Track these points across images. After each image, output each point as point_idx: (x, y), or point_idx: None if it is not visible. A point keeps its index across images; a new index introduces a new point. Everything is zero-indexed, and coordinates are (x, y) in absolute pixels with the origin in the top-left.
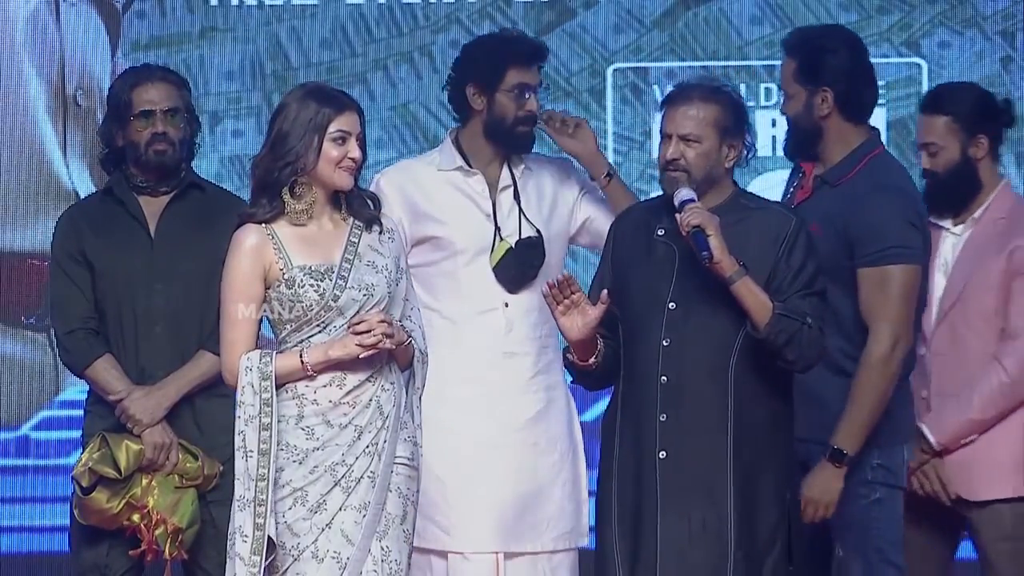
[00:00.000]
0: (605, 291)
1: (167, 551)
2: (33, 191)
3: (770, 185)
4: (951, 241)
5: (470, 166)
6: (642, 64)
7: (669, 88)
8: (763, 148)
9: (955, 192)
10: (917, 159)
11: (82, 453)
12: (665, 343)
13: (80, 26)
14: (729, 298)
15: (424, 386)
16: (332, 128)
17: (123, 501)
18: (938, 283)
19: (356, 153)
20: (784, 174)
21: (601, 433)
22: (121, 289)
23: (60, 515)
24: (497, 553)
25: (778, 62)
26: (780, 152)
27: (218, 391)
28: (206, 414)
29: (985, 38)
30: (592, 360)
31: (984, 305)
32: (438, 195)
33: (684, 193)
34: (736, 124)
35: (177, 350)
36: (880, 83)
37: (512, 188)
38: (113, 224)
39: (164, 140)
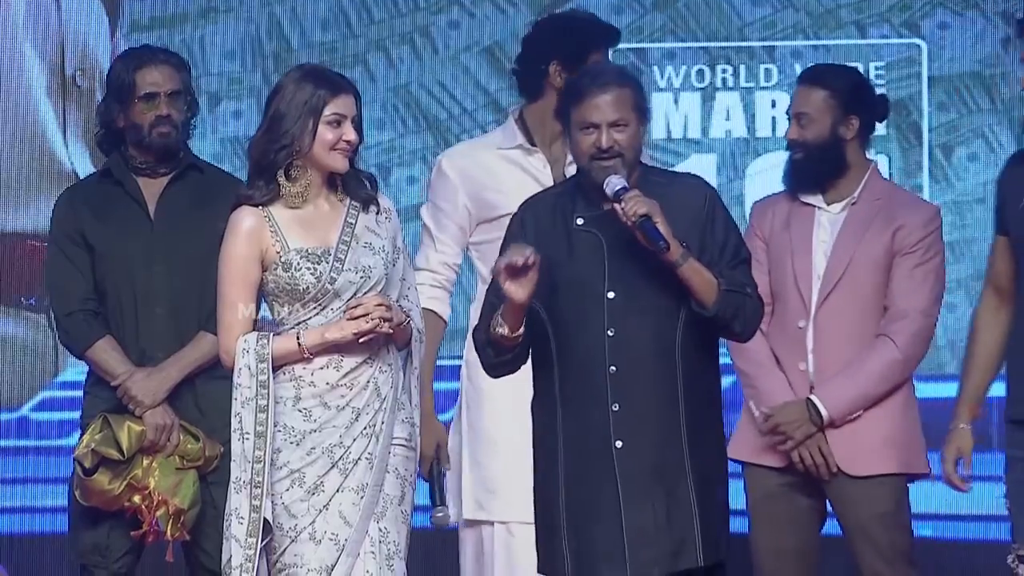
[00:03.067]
0: (532, 251)
1: (169, 532)
2: (33, 172)
3: (769, 165)
4: (827, 219)
5: (532, 144)
6: (642, 45)
7: (576, 79)
8: (763, 128)
9: (820, 167)
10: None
11: (83, 434)
12: (610, 333)
13: (80, 6)
14: (666, 279)
15: (420, 366)
16: (327, 111)
17: (124, 482)
18: (818, 261)
19: (351, 136)
20: (782, 155)
21: (534, 430)
22: (121, 271)
23: (60, 496)
24: None
25: (779, 43)
26: (780, 133)
27: (218, 373)
28: (207, 396)
29: (985, 19)
30: (520, 331)
31: (868, 283)
32: (500, 173)
33: (615, 181)
34: (645, 102)
35: (177, 332)
36: (879, 63)
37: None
38: (112, 206)
39: (168, 123)
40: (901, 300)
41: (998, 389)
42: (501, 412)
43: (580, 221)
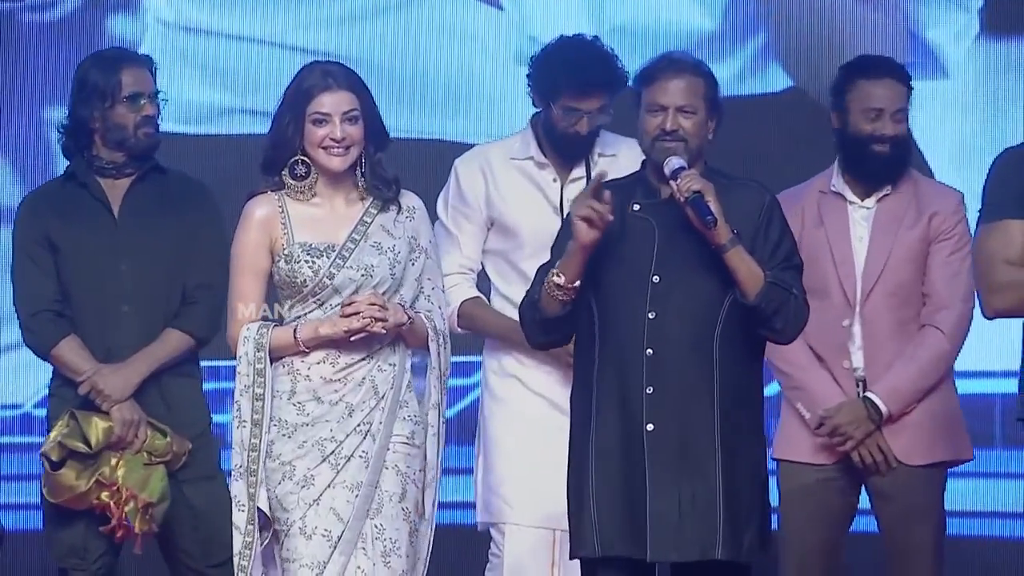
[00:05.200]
0: (608, 192)
1: (137, 526)
2: None
3: None
4: (860, 215)
5: (545, 156)
6: None
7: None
8: None
9: (903, 160)
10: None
11: (50, 431)
12: (651, 316)
13: None
14: (712, 269)
15: (448, 369)
16: (309, 109)
17: (92, 479)
18: (858, 256)
19: (337, 133)
20: None
21: (572, 411)
22: (87, 270)
23: None
24: (555, 530)
25: None
26: None
27: (183, 370)
28: (173, 392)
29: None
30: (576, 284)
31: (908, 273)
32: (508, 184)
33: (675, 161)
34: (717, 97)
35: (144, 330)
36: None
37: (584, 180)
38: (76, 207)
39: (151, 123)
40: (942, 288)
41: (1001, 386)
42: (510, 418)
43: (636, 207)
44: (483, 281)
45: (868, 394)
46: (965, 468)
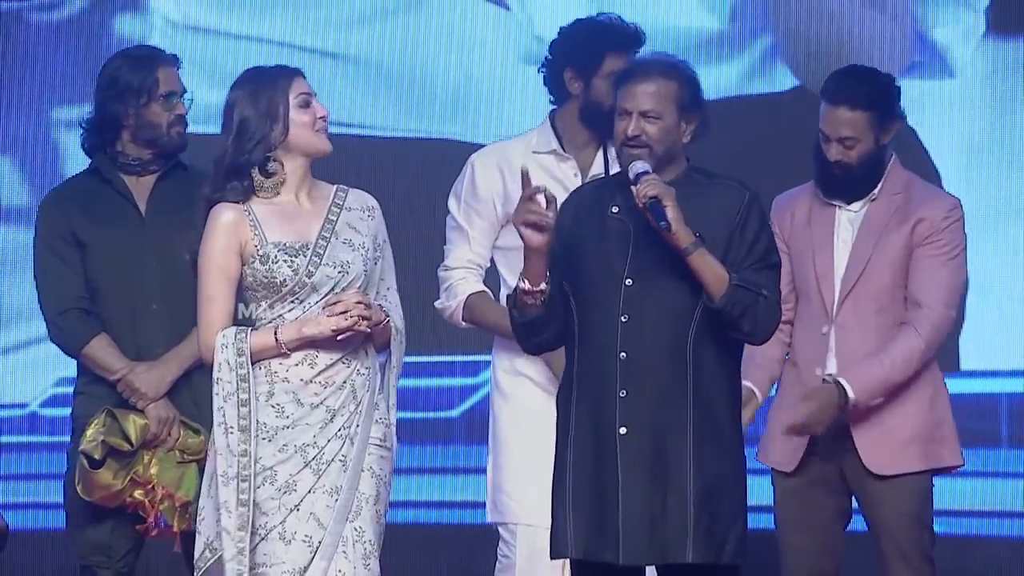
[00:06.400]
0: (545, 187)
1: (176, 524)
2: None
3: None
4: (847, 217)
5: (564, 150)
6: None
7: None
8: None
9: (864, 180)
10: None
11: (86, 430)
12: (624, 319)
13: None
14: (685, 272)
15: (400, 366)
16: (292, 92)
17: (128, 477)
18: (839, 261)
19: (324, 111)
20: None
21: (557, 413)
22: (114, 267)
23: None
24: None
25: None
26: None
27: None
28: (203, 390)
29: None
30: (543, 285)
31: (887, 280)
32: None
33: (639, 166)
34: (693, 99)
35: (173, 327)
36: None
37: (602, 175)
38: (102, 203)
39: (183, 122)
40: (921, 292)
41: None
42: (520, 417)
43: (615, 209)
44: (490, 278)
45: (839, 378)
46: (971, 468)
